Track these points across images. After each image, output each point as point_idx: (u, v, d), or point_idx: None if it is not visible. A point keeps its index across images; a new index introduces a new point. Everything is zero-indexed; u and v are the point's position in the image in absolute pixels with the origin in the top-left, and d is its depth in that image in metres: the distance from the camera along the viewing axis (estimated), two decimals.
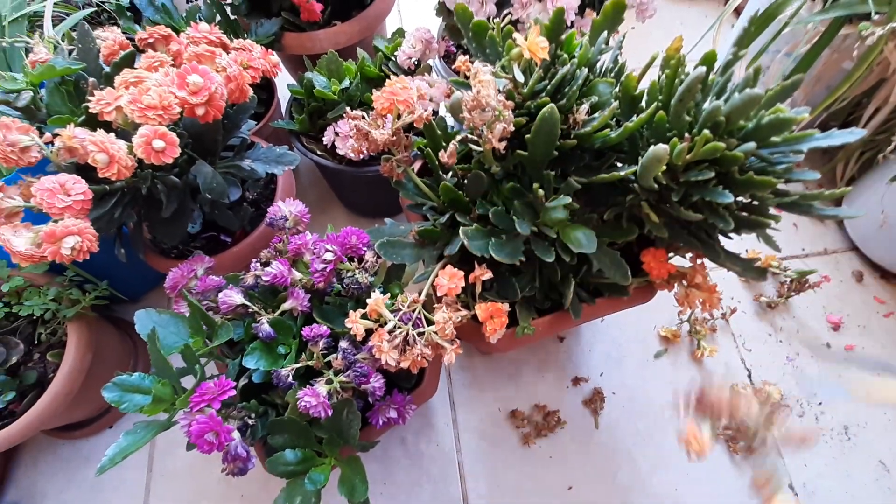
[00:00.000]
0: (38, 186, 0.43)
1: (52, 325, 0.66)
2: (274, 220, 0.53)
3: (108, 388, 0.43)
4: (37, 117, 0.52)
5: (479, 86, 0.39)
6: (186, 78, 0.46)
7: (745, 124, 0.39)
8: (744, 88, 0.39)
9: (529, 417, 0.78)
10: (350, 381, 0.45)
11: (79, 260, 0.45)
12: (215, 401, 0.41)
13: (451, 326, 0.45)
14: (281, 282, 0.48)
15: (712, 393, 0.59)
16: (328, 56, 0.72)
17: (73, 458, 0.79)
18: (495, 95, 0.39)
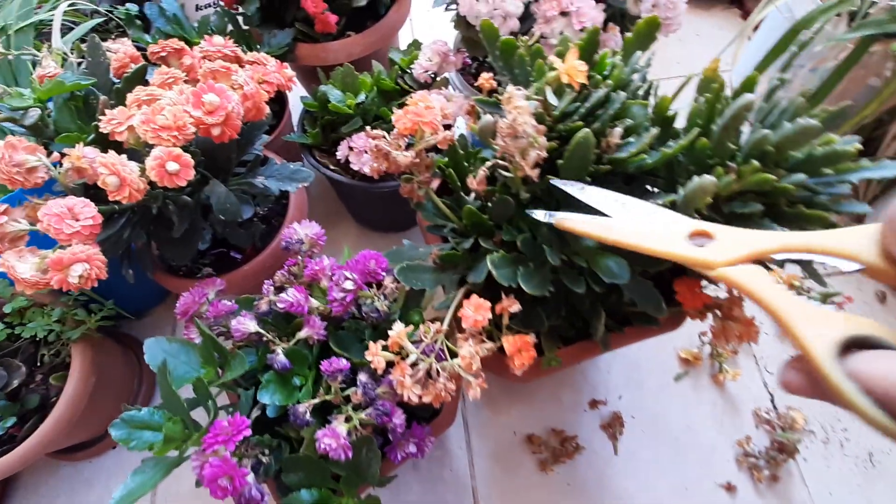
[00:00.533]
0: (45, 211, 0.41)
1: (55, 346, 0.63)
2: (289, 243, 0.51)
3: (115, 426, 0.41)
4: (44, 134, 0.50)
5: (516, 112, 0.37)
6: (202, 97, 0.44)
7: (794, 154, 0.37)
8: (794, 117, 0.37)
9: (546, 442, 0.75)
10: (371, 419, 0.42)
11: (86, 288, 0.43)
12: (229, 442, 0.38)
13: (477, 361, 0.42)
14: (297, 310, 0.46)
15: None
16: (343, 69, 0.70)
17: (75, 480, 0.76)
18: (531, 122, 0.37)
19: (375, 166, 0.53)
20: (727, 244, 0.28)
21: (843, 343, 0.21)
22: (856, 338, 0.21)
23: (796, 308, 0.23)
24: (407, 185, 0.53)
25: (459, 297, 0.51)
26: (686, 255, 0.30)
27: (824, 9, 0.69)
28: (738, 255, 0.27)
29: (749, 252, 0.27)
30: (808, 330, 0.22)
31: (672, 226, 0.32)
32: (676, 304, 0.49)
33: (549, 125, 0.45)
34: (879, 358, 0.20)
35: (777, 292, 0.24)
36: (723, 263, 0.27)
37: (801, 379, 0.23)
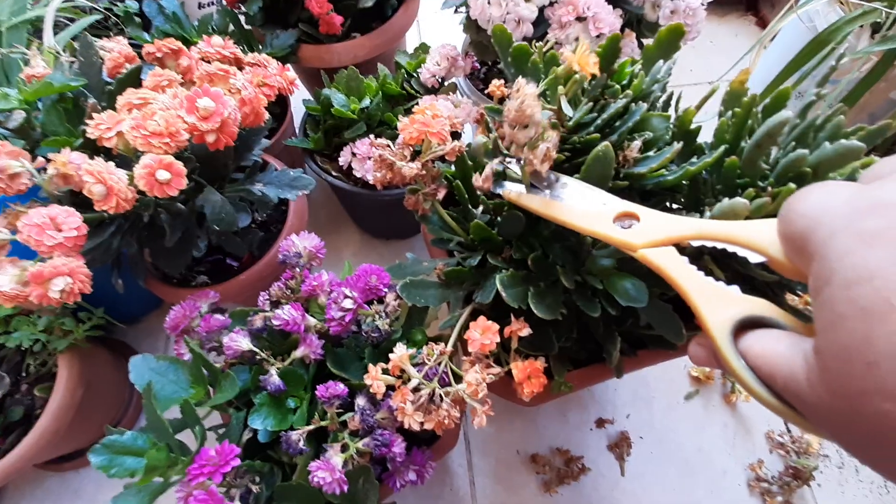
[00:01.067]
0: (25, 221, 0.38)
1: (41, 356, 0.61)
2: (287, 256, 0.48)
3: (95, 452, 0.38)
4: (31, 137, 0.47)
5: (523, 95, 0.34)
6: (196, 102, 0.41)
7: (833, 176, 0.34)
8: (833, 136, 0.34)
9: (550, 462, 0.73)
10: (369, 449, 0.39)
11: (69, 303, 0.40)
12: (216, 474, 0.36)
13: (484, 388, 0.40)
14: (293, 329, 0.43)
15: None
16: (348, 72, 0.67)
17: (62, 492, 0.74)
18: (540, 110, 0.34)
19: (379, 176, 0.50)
20: (649, 227, 0.30)
21: (739, 322, 0.23)
22: (751, 318, 0.23)
23: (702, 289, 0.25)
24: (412, 197, 0.51)
25: (465, 317, 0.49)
26: (611, 235, 0.32)
27: (849, 20, 0.67)
28: (658, 238, 0.29)
29: (668, 236, 0.29)
30: (709, 309, 0.24)
31: (602, 206, 0.34)
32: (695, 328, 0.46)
33: (563, 136, 0.42)
34: (765, 337, 0.21)
35: (687, 273, 0.26)
36: (643, 245, 0.29)
37: (705, 352, 0.25)
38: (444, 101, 0.72)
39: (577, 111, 0.39)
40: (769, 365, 0.20)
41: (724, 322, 0.23)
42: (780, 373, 0.19)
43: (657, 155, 0.39)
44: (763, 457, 0.72)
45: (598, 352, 0.53)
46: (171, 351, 0.83)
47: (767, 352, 0.20)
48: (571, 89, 0.39)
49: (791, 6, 0.79)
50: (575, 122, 0.41)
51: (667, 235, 0.29)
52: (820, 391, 0.17)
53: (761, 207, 0.33)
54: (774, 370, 0.20)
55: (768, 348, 0.20)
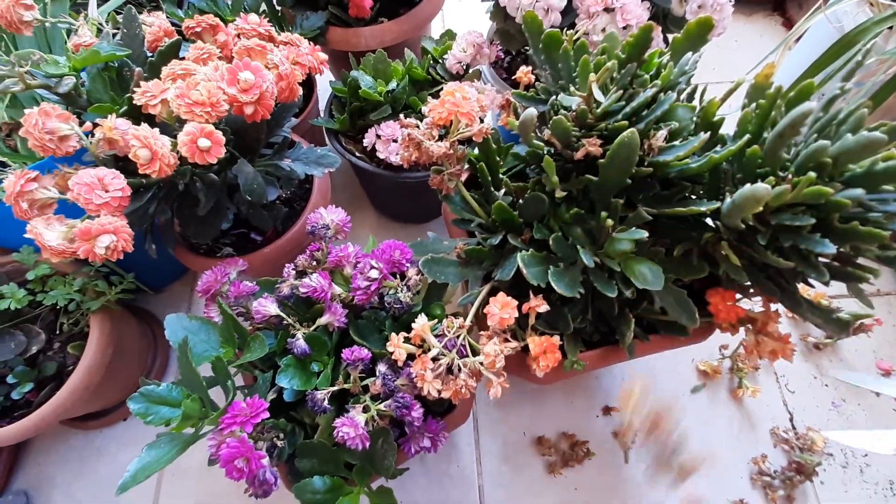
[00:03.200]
0: (76, 180, 0.41)
1: (74, 315, 0.64)
2: (315, 227, 0.50)
3: (134, 399, 0.41)
4: (77, 104, 0.49)
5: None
6: (238, 74, 0.43)
7: (853, 168, 0.35)
8: (855, 128, 0.35)
9: (556, 445, 0.74)
10: (390, 410, 0.41)
11: (112, 259, 0.42)
12: (247, 424, 0.38)
13: (501, 360, 0.41)
14: (320, 296, 0.45)
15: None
16: (377, 55, 0.68)
17: (86, 448, 0.77)
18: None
19: (406, 155, 0.52)
20: None
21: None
22: None
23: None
24: (437, 177, 0.52)
25: (484, 294, 0.50)
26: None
27: (878, 20, 0.67)
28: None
29: None
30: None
31: None
32: (707, 315, 0.48)
33: (591, 123, 0.44)
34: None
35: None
36: None
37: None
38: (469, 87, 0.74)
39: (606, 98, 0.41)
40: None
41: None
42: None
43: (682, 144, 0.40)
44: (767, 451, 0.73)
45: (610, 335, 0.54)
46: None
47: None
48: (603, 77, 0.40)
49: (819, 6, 0.79)
50: (603, 109, 0.42)
51: None
52: None
53: (781, 195, 0.34)
54: None
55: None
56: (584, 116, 0.42)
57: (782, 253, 0.39)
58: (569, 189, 0.46)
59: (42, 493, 0.74)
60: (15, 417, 0.61)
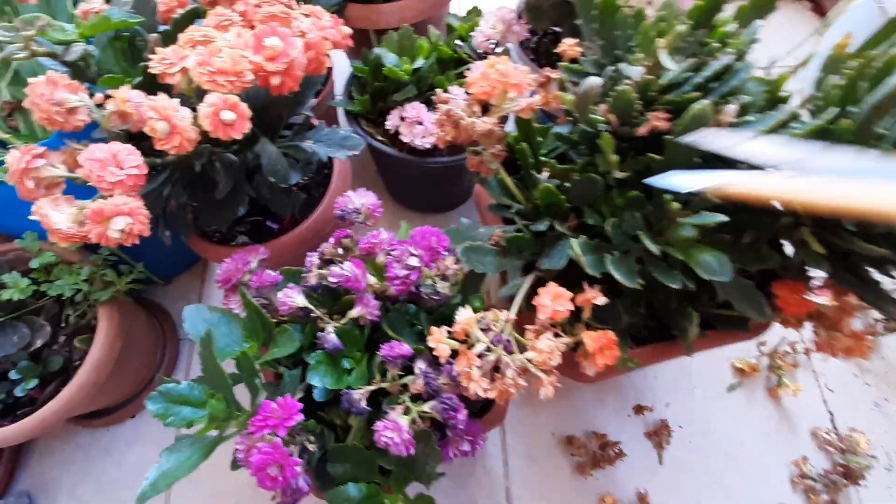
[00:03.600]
0: (87, 156, 0.37)
1: (81, 307, 0.60)
2: (345, 212, 0.46)
3: (153, 399, 0.37)
4: (86, 75, 0.45)
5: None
6: (264, 40, 0.39)
7: None
8: None
9: (586, 446, 0.71)
10: (435, 412, 0.38)
11: (127, 244, 0.38)
12: (280, 427, 0.34)
13: (557, 357, 0.38)
14: (353, 286, 0.41)
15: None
16: (402, 31, 0.64)
17: (92, 448, 0.73)
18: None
19: (442, 135, 0.48)
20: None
21: None
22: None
23: None
24: (475, 158, 0.48)
25: (528, 285, 0.47)
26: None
27: None
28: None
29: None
30: None
31: (874, 169, 0.23)
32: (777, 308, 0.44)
33: (653, 96, 0.40)
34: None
35: None
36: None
37: None
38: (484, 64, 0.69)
39: (677, 66, 0.37)
40: None
41: None
42: None
43: (759, 119, 0.36)
44: (807, 453, 0.70)
45: (659, 330, 0.51)
46: None
47: None
48: (672, 42, 0.36)
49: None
50: (669, 80, 0.38)
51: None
52: None
53: None
54: None
55: None
56: (649, 87, 0.38)
57: (872, 240, 0.35)
58: (624, 169, 0.42)
59: (46, 494, 0.70)
60: (18, 416, 0.57)
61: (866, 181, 0.23)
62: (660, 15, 0.43)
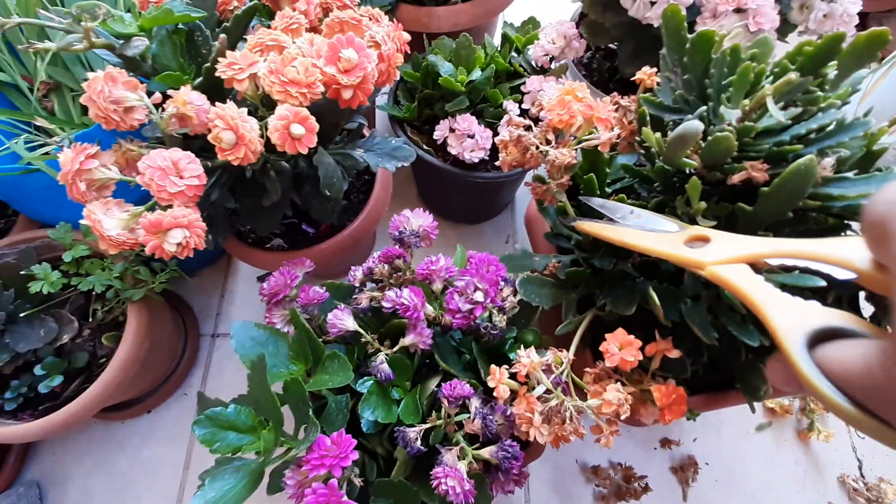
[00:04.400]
0: (148, 163, 0.34)
1: (110, 303, 0.58)
2: (403, 234, 0.44)
3: (199, 424, 0.35)
4: (140, 69, 0.43)
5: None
6: (340, 52, 0.37)
7: None
8: None
9: (611, 477, 0.70)
10: (495, 459, 0.36)
11: (181, 257, 0.36)
12: (336, 467, 0.32)
13: (626, 410, 0.36)
14: (412, 315, 0.39)
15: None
16: (460, 40, 0.62)
17: (106, 441, 0.71)
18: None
19: (507, 159, 0.46)
20: (721, 248, 0.30)
21: (815, 334, 0.21)
22: (828, 329, 0.21)
23: (774, 301, 0.24)
24: (540, 186, 0.46)
25: (585, 325, 0.45)
26: (679, 255, 0.31)
27: None
28: (730, 257, 0.28)
29: (741, 255, 0.28)
30: (781, 321, 0.23)
31: (675, 230, 0.34)
32: None
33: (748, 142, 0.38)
34: (842, 347, 0.20)
35: (757, 286, 0.26)
36: (712, 263, 0.29)
37: (782, 370, 0.23)
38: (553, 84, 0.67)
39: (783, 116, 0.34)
40: (845, 368, 0.19)
41: (796, 332, 0.22)
42: (857, 372, 0.18)
43: (864, 178, 0.34)
44: (834, 500, 0.69)
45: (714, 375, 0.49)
46: (225, 309, 0.80)
47: (843, 356, 0.19)
48: (780, 89, 0.34)
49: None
50: (765, 127, 0.36)
51: (739, 254, 0.28)
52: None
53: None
54: (851, 372, 0.19)
55: (844, 353, 0.19)
56: (746, 133, 0.36)
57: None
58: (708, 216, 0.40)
59: (56, 485, 0.69)
60: (39, 411, 0.55)
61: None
62: (752, 52, 0.40)
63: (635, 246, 0.35)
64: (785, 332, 0.22)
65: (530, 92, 0.63)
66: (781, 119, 0.33)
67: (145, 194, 0.38)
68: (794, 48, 0.38)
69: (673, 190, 0.43)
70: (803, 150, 0.36)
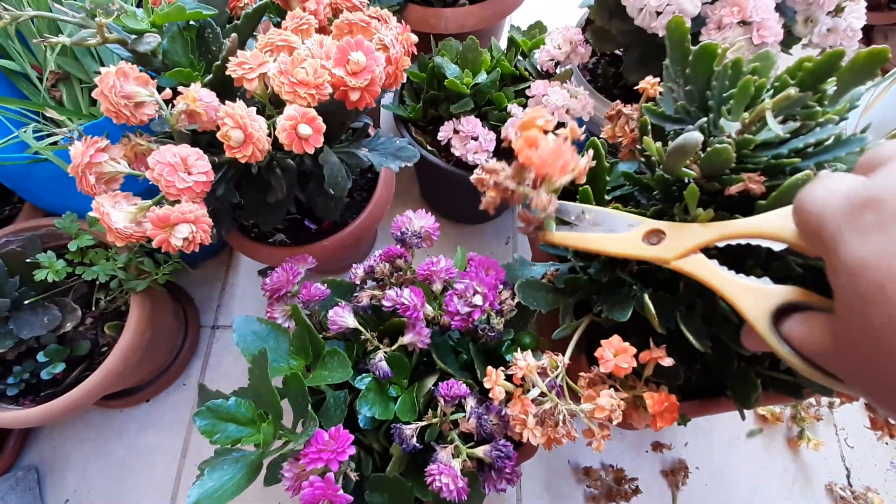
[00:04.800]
0: (157, 158, 0.35)
1: (113, 292, 0.58)
2: (405, 234, 0.45)
3: (200, 415, 0.36)
4: (151, 64, 0.43)
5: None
6: (349, 54, 0.37)
7: None
8: None
9: (602, 478, 0.71)
10: (489, 458, 0.37)
11: (186, 251, 0.37)
12: (333, 461, 0.33)
13: (619, 415, 0.37)
14: (411, 315, 0.40)
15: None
16: (466, 43, 0.62)
17: (105, 428, 0.72)
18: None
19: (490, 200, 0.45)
20: (676, 239, 0.33)
21: (778, 309, 0.26)
22: (787, 303, 0.26)
23: (737, 286, 0.28)
24: (527, 214, 0.46)
25: (581, 330, 0.46)
26: (643, 253, 0.34)
27: None
28: (687, 248, 0.32)
29: (695, 244, 0.31)
30: (748, 304, 0.27)
31: (629, 228, 0.36)
32: None
33: (746, 154, 0.38)
34: (802, 321, 0.24)
35: (721, 276, 0.29)
36: (675, 257, 0.32)
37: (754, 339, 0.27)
38: (557, 88, 0.68)
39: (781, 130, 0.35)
40: (805, 341, 0.23)
41: (763, 313, 0.26)
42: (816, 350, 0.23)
43: None
44: None
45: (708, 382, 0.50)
46: (226, 301, 0.81)
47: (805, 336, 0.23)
48: (779, 103, 0.34)
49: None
50: (763, 139, 0.37)
51: (694, 243, 0.31)
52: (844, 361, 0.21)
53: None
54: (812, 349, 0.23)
55: (805, 333, 0.23)
56: (745, 145, 0.37)
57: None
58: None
59: (54, 470, 0.70)
60: (40, 397, 0.56)
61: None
62: (754, 66, 0.41)
63: (601, 250, 0.37)
64: (753, 315, 0.26)
65: (535, 96, 0.64)
66: (780, 133, 0.34)
67: (150, 186, 0.38)
68: (794, 63, 0.38)
69: (672, 198, 0.43)
70: (801, 163, 0.37)
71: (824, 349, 0.22)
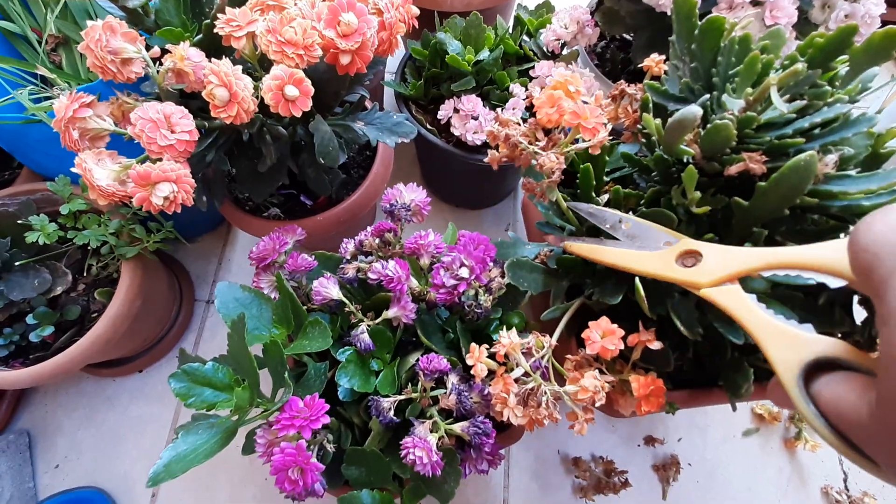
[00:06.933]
0: (139, 114, 0.34)
1: (105, 259, 0.58)
2: (395, 206, 0.44)
3: (176, 377, 0.35)
4: (143, 24, 0.43)
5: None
6: (340, 15, 0.36)
7: None
8: None
9: (591, 469, 0.70)
10: (466, 434, 0.36)
11: (168, 212, 0.36)
12: (306, 428, 0.32)
13: (602, 397, 0.36)
14: (395, 288, 0.39)
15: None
16: (470, 19, 0.61)
17: (96, 395, 0.73)
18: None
19: (496, 155, 0.45)
20: (713, 263, 0.29)
21: (810, 364, 0.22)
22: (823, 359, 0.22)
23: (770, 329, 0.25)
24: (532, 183, 0.45)
25: (571, 312, 0.44)
26: (675, 276, 0.31)
27: None
28: (724, 275, 0.28)
29: (734, 271, 0.28)
30: (778, 353, 0.23)
31: (664, 246, 0.34)
32: None
33: (749, 133, 0.37)
34: (834, 383, 0.20)
35: (754, 314, 0.26)
36: (708, 284, 0.29)
37: (780, 394, 0.23)
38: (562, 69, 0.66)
39: (786, 108, 0.33)
40: (836, 406, 0.20)
41: (793, 366, 0.22)
42: (847, 417, 0.19)
43: (866, 177, 0.33)
44: None
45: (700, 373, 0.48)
46: (222, 276, 0.80)
47: (837, 399, 0.20)
48: (785, 80, 0.33)
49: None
50: (768, 119, 0.35)
51: (733, 271, 0.28)
52: (880, 435, 0.17)
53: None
54: (841, 410, 0.19)
55: (837, 396, 0.20)
56: (748, 124, 0.35)
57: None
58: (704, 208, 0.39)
59: (45, 435, 0.70)
60: (30, 359, 0.56)
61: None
62: (764, 44, 0.39)
63: (628, 268, 0.34)
64: (783, 367, 0.23)
65: (538, 77, 0.62)
66: (783, 109, 0.33)
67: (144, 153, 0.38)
68: (806, 40, 0.37)
69: (670, 180, 0.42)
70: (805, 144, 0.35)
71: (857, 417, 0.18)
